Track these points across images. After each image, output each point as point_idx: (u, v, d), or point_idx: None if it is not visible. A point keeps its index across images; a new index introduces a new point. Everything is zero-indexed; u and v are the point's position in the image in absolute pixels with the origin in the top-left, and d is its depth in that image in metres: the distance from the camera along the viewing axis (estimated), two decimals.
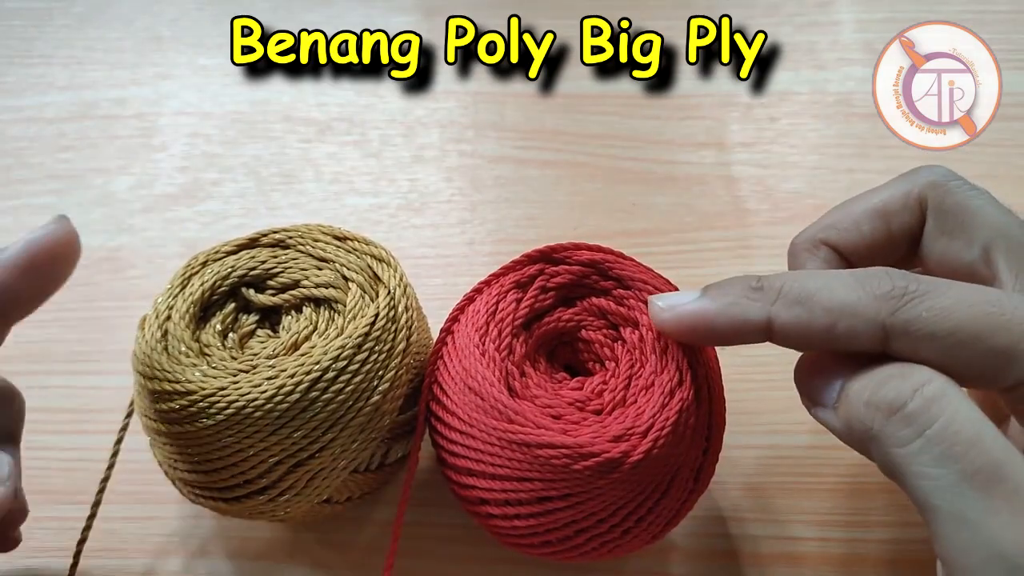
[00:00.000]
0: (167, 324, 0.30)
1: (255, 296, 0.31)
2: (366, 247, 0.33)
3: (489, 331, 0.30)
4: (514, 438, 0.28)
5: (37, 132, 0.48)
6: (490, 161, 0.47)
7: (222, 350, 0.30)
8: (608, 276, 0.31)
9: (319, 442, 0.28)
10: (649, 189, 0.46)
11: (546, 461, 0.27)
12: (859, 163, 0.46)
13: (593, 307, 0.32)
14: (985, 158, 0.46)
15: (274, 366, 0.28)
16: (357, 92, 0.50)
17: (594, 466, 0.27)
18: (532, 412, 0.28)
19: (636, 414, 0.28)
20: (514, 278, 0.32)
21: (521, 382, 0.30)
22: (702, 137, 0.48)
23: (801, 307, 0.26)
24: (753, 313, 0.26)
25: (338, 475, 0.30)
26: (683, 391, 0.28)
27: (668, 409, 0.28)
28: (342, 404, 0.28)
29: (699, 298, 0.28)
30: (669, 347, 0.29)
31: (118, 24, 0.53)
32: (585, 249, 0.32)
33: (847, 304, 0.25)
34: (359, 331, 0.29)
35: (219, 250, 0.32)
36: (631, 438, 0.27)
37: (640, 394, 0.29)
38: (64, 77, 0.51)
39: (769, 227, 0.44)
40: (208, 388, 0.28)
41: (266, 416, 0.27)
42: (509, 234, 0.44)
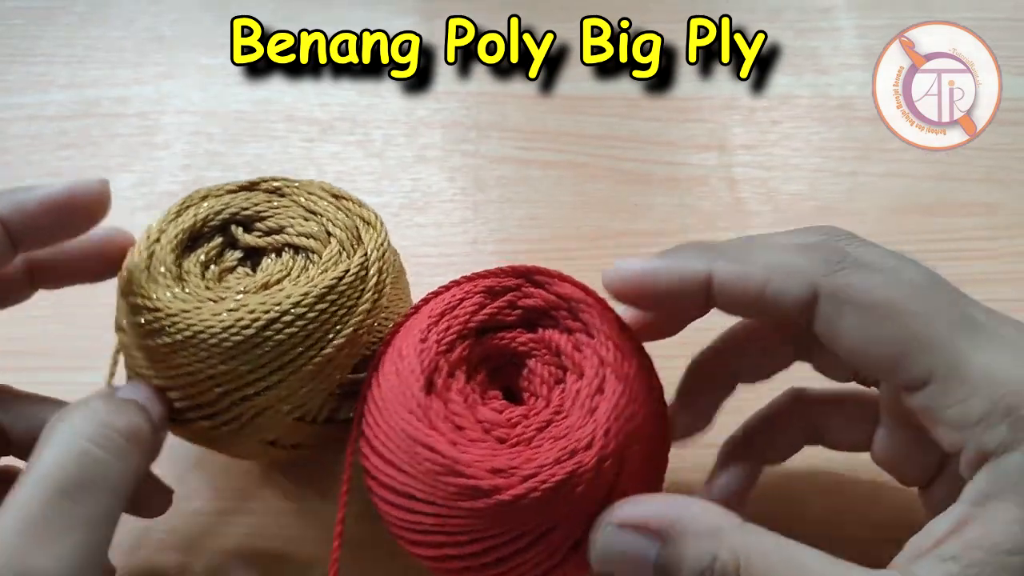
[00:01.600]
0: (155, 247, 0.31)
1: (242, 235, 0.33)
2: (358, 208, 0.33)
3: (440, 323, 0.30)
4: (406, 428, 0.27)
5: (39, 130, 0.48)
6: (492, 161, 0.47)
7: (199, 279, 0.31)
8: (578, 318, 0.30)
9: (266, 380, 0.29)
10: (651, 190, 0.46)
11: (421, 462, 0.27)
12: (860, 166, 0.47)
13: (552, 341, 0.30)
14: (984, 160, 0.46)
15: (239, 301, 0.30)
16: (359, 92, 0.50)
17: (459, 486, 0.26)
18: (436, 413, 0.27)
19: (529, 457, 0.26)
20: (488, 283, 0.30)
21: (445, 382, 0.29)
22: (704, 139, 0.48)
23: (740, 263, 0.26)
24: (695, 264, 0.27)
25: (282, 418, 0.31)
26: (586, 456, 0.26)
27: (561, 466, 0.26)
28: (293, 348, 0.29)
29: (647, 259, 0.28)
30: (599, 411, 0.27)
31: (120, 23, 0.53)
32: (569, 283, 0.31)
33: (784, 262, 0.26)
34: (326, 282, 0.30)
35: (221, 188, 0.34)
36: (511, 477, 0.26)
37: (547, 441, 0.27)
38: (66, 75, 0.51)
39: (771, 228, 0.44)
40: (173, 309, 0.29)
41: (219, 344, 0.29)
42: (511, 233, 0.44)
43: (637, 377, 0.29)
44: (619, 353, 0.28)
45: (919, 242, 0.44)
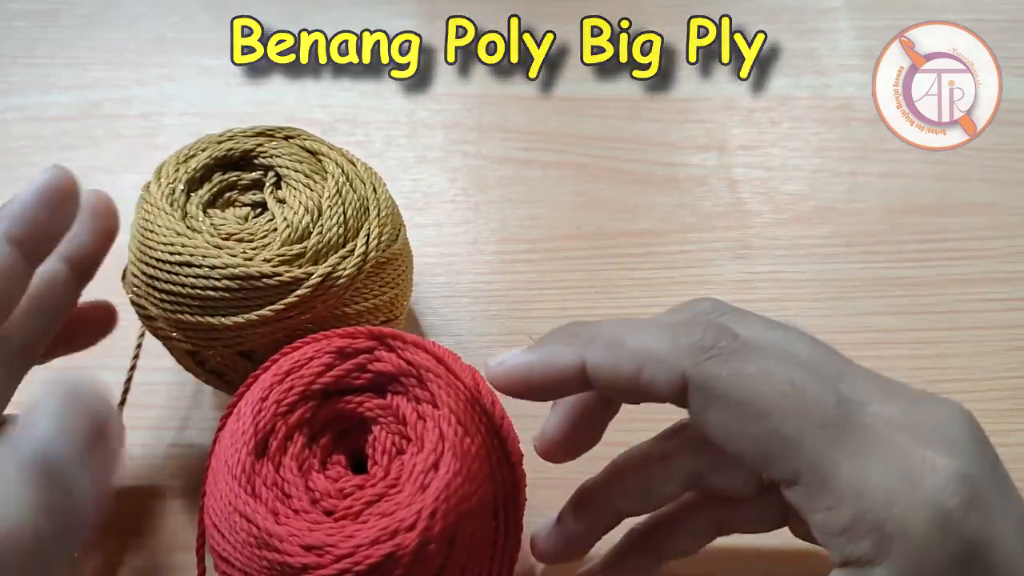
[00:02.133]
0: (164, 186, 0.33)
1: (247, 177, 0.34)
2: (374, 192, 0.34)
3: (284, 383, 0.28)
4: (228, 494, 0.26)
5: (40, 131, 0.48)
6: (493, 162, 0.47)
7: (199, 213, 0.33)
8: (426, 387, 0.28)
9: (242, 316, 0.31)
10: (651, 190, 0.46)
11: (238, 531, 0.26)
12: (860, 166, 0.47)
13: (398, 409, 0.28)
14: (984, 161, 0.47)
15: (217, 246, 0.31)
16: (361, 94, 0.50)
17: (271, 561, 0.25)
18: (264, 479, 0.26)
19: (350, 535, 0.25)
20: (340, 344, 0.29)
21: (280, 445, 0.27)
22: (704, 140, 0.48)
23: (611, 350, 0.25)
24: (567, 357, 0.26)
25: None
26: (407, 538, 0.24)
27: (378, 547, 0.24)
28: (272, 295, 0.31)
29: (524, 351, 0.27)
30: (429, 489, 0.25)
31: (122, 25, 0.53)
32: (423, 350, 0.29)
33: (654, 350, 0.25)
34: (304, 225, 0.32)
35: (248, 132, 0.35)
36: (324, 556, 0.24)
37: (374, 517, 0.26)
38: (68, 77, 0.51)
39: (770, 228, 0.44)
40: (164, 235, 0.32)
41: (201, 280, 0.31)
42: (512, 233, 0.44)
43: (480, 456, 0.27)
44: (461, 428, 0.27)
45: (918, 242, 0.44)
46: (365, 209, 0.33)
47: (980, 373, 0.39)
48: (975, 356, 0.40)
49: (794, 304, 0.42)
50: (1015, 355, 0.40)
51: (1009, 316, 0.41)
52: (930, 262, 0.43)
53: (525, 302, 0.42)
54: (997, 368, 0.39)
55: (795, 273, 0.43)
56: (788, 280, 0.42)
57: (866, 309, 0.41)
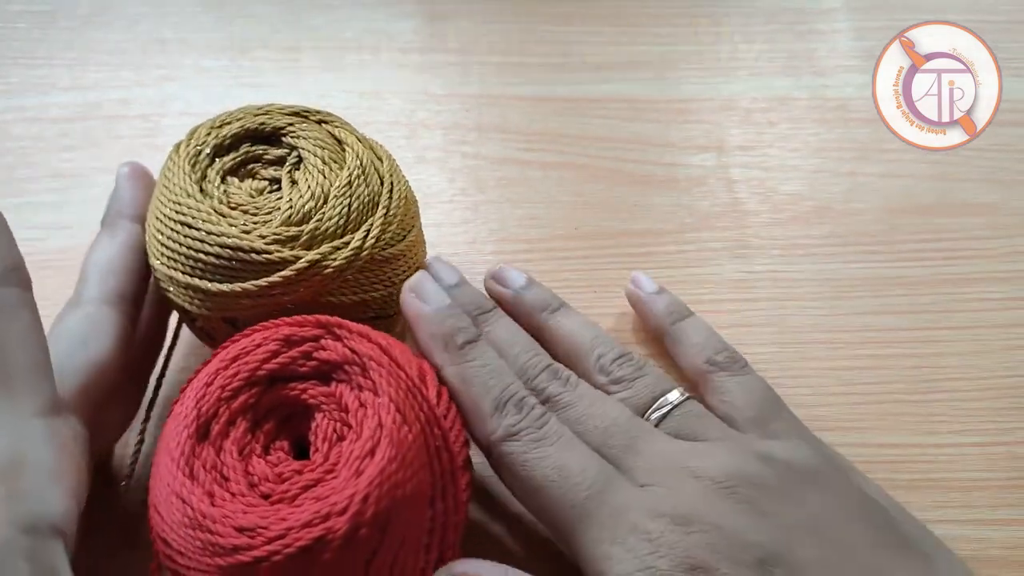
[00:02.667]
0: (192, 148, 0.34)
1: (272, 152, 0.35)
2: (390, 192, 0.34)
3: (229, 368, 0.29)
4: (166, 476, 0.27)
5: (40, 131, 0.49)
6: (493, 162, 0.47)
7: (216, 179, 0.34)
8: (368, 375, 0.29)
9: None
10: (650, 190, 0.46)
11: (174, 512, 0.26)
12: (859, 166, 0.47)
13: (341, 396, 0.29)
14: (983, 161, 0.47)
15: (221, 214, 0.32)
16: (360, 94, 0.50)
17: (203, 541, 0.25)
18: (204, 462, 0.27)
19: (282, 518, 0.25)
20: (287, 332, 0.29)
21: (222, 429, 0.28)
22: (702, 140, 0.48)
23: (463, 385, 0.32)
24: (437, 359, 0.32)
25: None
26: (338, 522, 0.25)
27: (309, 530, 0.25)
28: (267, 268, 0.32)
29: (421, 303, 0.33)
30: (364, 475, 0.26)
31: (122, 26, 0.54)
32: (368, 339, 0.29)
33: (482, 414, 0.31)
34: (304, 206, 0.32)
35: (286, 110, 0.36)
36: (255, 537, 0.25)
37: (308, 501, 0.26)
38: (68, 78, 0.51)
39: (768, 228, 0.44)
40: (177, 193, 0.33)
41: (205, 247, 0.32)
42: (511, 233, 0.44)
43: (417, 444, 0.27)
44: (399, 416, 0.27)
45: (916, 242, 0.44)
46: (374, 205, 0.33)
47: (977, 372, 0.39)
48: (973, 355, 0.40)
49: (792, 304, 0.42)
50: (1013, 354, 0.40)
51: (1007, 315, 0.41)
52: (928, 262, 0.43)
53: None
54: (995, 367, 0.39)
55: (793, 273, 0.43)
56: (786, 280, 0.43)
57: (864, 309, 0.41)
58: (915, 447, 0.37)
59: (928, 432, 0.38)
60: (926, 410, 0.38)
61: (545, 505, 0.29)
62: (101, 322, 0.31)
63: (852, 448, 0.37)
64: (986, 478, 0.37)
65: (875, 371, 0.39)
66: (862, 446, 0.37)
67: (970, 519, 0.36)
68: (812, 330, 0.41)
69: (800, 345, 0.40)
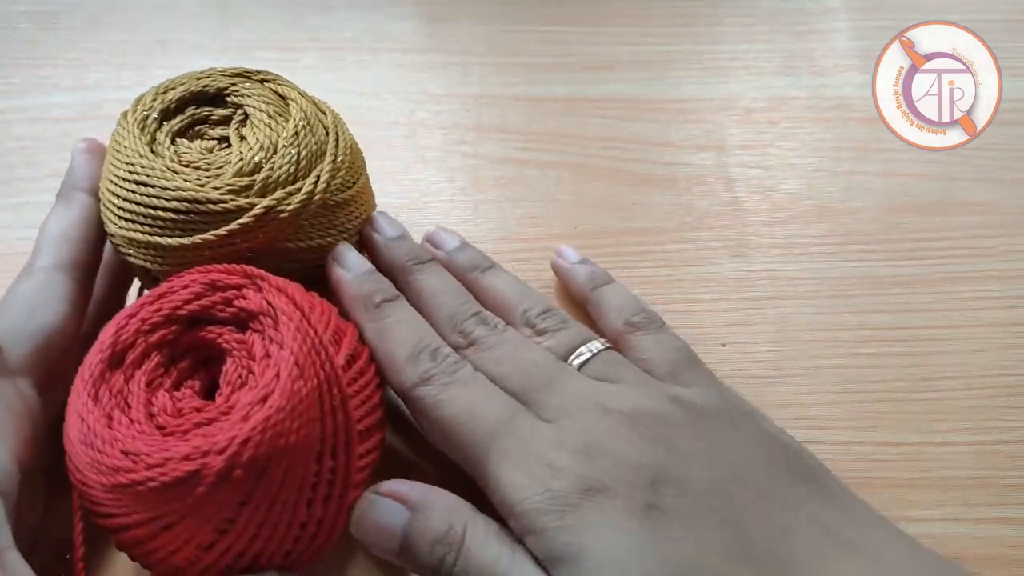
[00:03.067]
0: (139, 114, 0.35)
1: (217, 113, 0.36)
2: (335, 141, 0.35)
3: (154, 303, 0.30)
4: (74, 395, 0.28)
5: (42, 131, 0.49)
6: (492, 162, 0.47)
7: (166, 141, 0.35)
8: (278, 328, 0.29)
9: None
10: (650, 190, 0.46)
11: (74, 430, 0.27)
12: (857, 165, 0.47)
13: (251, 345, 0.30)
14: (983, 161, 0.47)
15: (174, 171, 0.33)
16: (360, 95, 0.50)
17: (91, 459, 0.27)
18: (112, 387, 0.28)
19: (165, 448, 0.26)
20: (214, 277, 0.31)
21: (136, 359, 0.29)
22: (702, 140, 0.48)
23: (380, 340, 0.33)
24: (358, 319, 0.34)
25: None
26: (215, 460, 0.26)
27: (186, 463, 0.26)
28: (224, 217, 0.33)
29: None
30: (251, 420, 0.26)
31: (124, 27, 0.54)
32: (286, 294, 0.30)
33: (397, 364, 0.32)
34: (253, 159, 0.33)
35: (227, 72, 0.37)
36: (137, 462, 0.26)
37: (196, 438, 0.27)
38: (70, 78, 0.51)
39: (768, 227, 0.44)
40: (128, 156, 0.34)
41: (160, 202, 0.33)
42: (510, 232, 0.44)
43: (310, 399, 0.28)
44: (297, 370, 0.28)
45: (915, 240, 0.44)
46: (321, 154, 0.35)
47: (976, 371, 0.39)
48: (971, 354, 0.40)
49: (791, 302, 0.42)
50: (1011, 353, 0.40)
51: (1006, 314, 0.41)
52: (928, 261, 0.43)
53: None
54: (993, 366, 0.39)
55: (792, 271, 0.43)
56: (785, 278, 0.43)
57: (863, 307, 0.41)
58: (914, 446, 0.37)
59: (927, 431, 0.38)
60: (925, 408, 0.38)
61: (458, 444, 0.31)
62: (53, 288, 0.32)
63: (851, 447, 0.37)
64: (985, 476, 0.36)
65: (874, 370, 0.39)
66: (861, 444, 0.37)
67: (970, 518, 0.35)
68: (811, 329, 0.41)
69: (799, 344, 0.40)
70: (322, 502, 0.29)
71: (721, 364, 0.39)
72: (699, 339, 0.39)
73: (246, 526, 0.27)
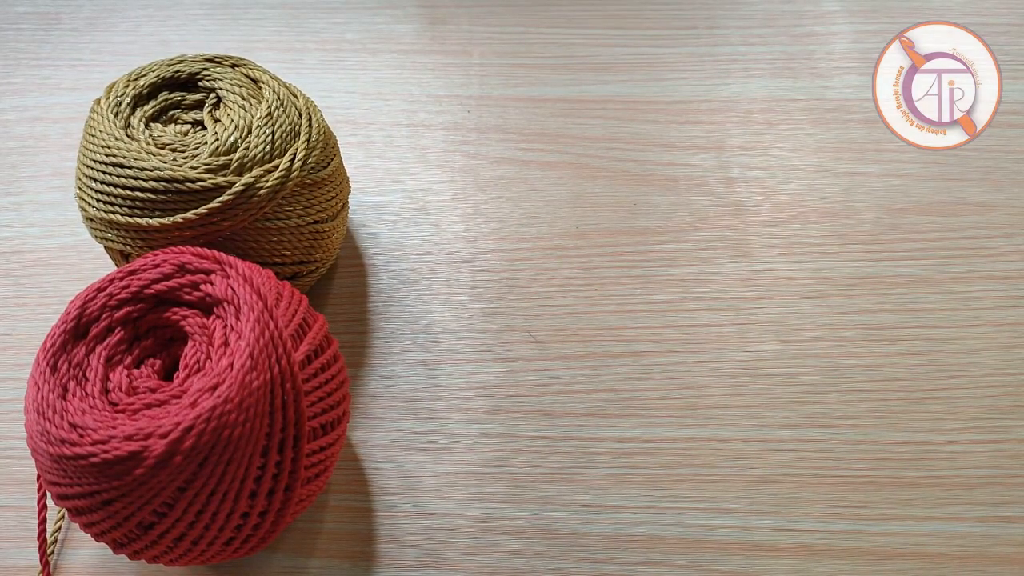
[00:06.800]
0: (112, 100, 0.36)
1: (190, 97, 0.37)
2: (308, 122, 0.36)
3: (124, 279, 0.30)
4: (34, 363, 0.29)
5: (43, 131, 0.49)
6: (493, 162, 0.47)
7: (140, 125, 0.35)
8: (238, 318, 0.29)
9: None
10: (650, 190, 0.46)
11: (29, 398, 0.28)
12: (857, 166, 0.47)
13: (213, 331, 0.30)
14: (981, 161, 0.47)
15: (150, 152, 0.33)
16: (362, 95, 0.50)
17: (40, 428, 0.27)
18: (72, 359, 0.29)
19: (111, 426, 0.27)
20: (186, 260, 0.31)
21: (98, 332, 0.30)
22: (702, 141, 0.48)
23: None
24: None
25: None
26: (156, 444, 0.26)
27: (128, 443, 0.26)
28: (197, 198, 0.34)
29: None
30: (197, 407, 0.27)
31: (125, 28, 0.54)
32: (248, 284, 0.30)
33: None
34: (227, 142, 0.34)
35: (198, 58, 0.38)
36: (83, 437, 0.27)
37: (144, 419, 0.27)
38: (71, 78, 0.51)
39: (767, 227, 0.44)
40: (104, 139, 0.34)
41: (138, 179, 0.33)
42: (511, 231, 0.44)
43: (261, 393, 0.28)
44: (250, 362, 0.28)
45: (916, 241, 0.44)
46: (296, 134, 0.36)
47: (977, 370, 0.39)
48: (972, 353, 0.40)
49: (791, 302, 0.42)
50: (1012, 352, 0.40)
51: (1006, 314, 0.41)
52: (928, 261, 0.43)
53: (524, 300, 0.42)
54: (994, 365, 0.39)
55: (793, 272, 0.43)
56: (786, 279, 0.43)
57: (864, 307, 0.41)
58: (917, 445, 0.37)
59: (930, 430, 0.38)
60: (927, 408, 0.38)
61: None
62: None
63: (854, 446, 0.37)
64: (989, 475, 0.36)
65: (876, 369, 0.39)
66: (865, 443, 0.37)
67: (974, 516, 0.35)
68: (812, 328, 0.41)
69: (800, 343, 0.40)
70: (266, 495, 0.29)
71: (723, 364, 0.39)
72: (700, 339, 0.39)
73: (185, 511, 0.27)
